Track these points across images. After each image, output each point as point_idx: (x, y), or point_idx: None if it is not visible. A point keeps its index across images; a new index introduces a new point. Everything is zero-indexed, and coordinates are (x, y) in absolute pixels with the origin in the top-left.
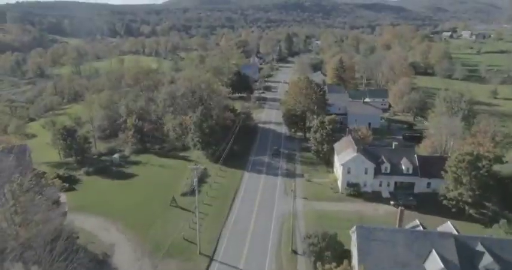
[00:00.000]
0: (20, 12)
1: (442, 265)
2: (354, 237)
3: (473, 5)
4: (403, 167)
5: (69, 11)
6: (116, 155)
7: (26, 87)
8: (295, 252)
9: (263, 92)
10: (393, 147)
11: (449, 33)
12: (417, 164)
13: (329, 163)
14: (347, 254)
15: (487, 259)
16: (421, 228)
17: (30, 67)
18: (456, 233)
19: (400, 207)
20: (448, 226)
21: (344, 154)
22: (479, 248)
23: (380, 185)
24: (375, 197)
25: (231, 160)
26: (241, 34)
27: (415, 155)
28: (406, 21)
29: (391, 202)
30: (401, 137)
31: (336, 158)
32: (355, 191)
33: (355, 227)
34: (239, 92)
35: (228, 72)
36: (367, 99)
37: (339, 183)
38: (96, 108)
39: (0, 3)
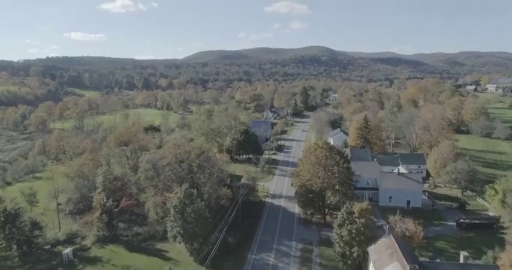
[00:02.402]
0: (43, 66)
1: None
2: None
3: (489, 58)
4: None
5: (93, 65)
6: (67, 250)
7: (21, 143)
8: None
9: (275, 153)
10: (462, 259)
11: (474, 87)
12: None
13: None
14: None
15: None
16: None
17: (31, 121)
18: None
19: None
20: None
21: None
22: None
23: None
24: None
25: (222, 259)
26: (257, 87)
27: None
28: (423, 75)
29: None
30: (454, 224)
31: None
32: None
33: None
34: (246, 153)
35: (234, 131)
36: (400, 168)
37: None
38: (63, 179)
39: (31, 58)
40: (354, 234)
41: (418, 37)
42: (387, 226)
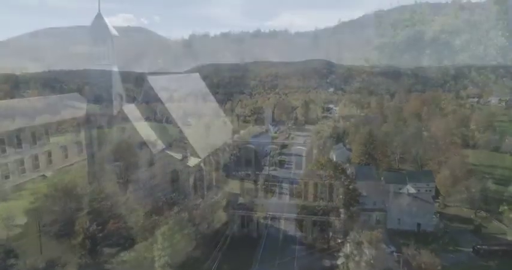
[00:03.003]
0: (45, 78)
1: None
2: None
3: (490, 70)
4: None
5: (94, 78)
6: None
7: (14, 157)
8: None
9: (275, 169)
10: None
11: (476, 100)
12: None
13: None
14: None
15: None
16: None
17: (26, 135)
18: None
19: None
20: None
21: None
22: None
23: None
24: None
25: None
26: (258, 100)
27: None
28: (424, 88)
29: None
30: (470, 250)
31: None
32: None
33: None
34: (245, 169)
35: (232, 146)
36: (409, 187)
37: None
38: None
39: (37, 71)
40: (363, 268)
41: (417, 49)
42: (398, 255)
